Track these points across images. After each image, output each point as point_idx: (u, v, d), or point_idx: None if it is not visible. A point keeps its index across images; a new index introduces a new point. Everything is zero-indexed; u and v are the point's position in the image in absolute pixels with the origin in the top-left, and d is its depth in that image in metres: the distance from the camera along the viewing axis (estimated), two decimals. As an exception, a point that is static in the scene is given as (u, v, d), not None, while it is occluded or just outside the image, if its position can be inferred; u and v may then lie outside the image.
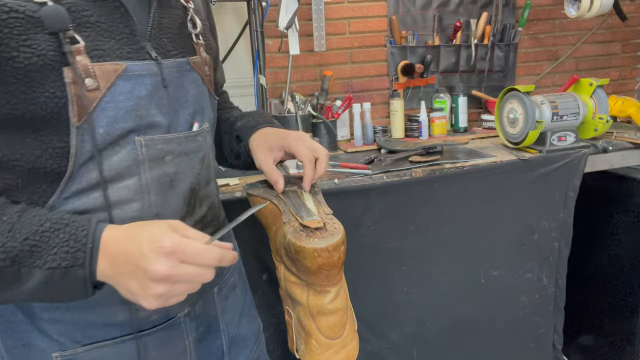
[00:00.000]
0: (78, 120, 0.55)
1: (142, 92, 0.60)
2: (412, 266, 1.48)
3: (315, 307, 0.70)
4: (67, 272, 0.52)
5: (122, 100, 0.58)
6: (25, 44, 0.51)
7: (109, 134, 0.57)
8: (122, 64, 0.58)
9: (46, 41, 0.53)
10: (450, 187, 1.45)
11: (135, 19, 0.62)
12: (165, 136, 0.63)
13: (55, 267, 0.52)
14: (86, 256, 0.53)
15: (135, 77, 0.59)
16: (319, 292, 0.69)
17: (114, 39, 0.59)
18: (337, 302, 0.70)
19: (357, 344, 0.75)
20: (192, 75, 0.68)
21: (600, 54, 2.27)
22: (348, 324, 0.73)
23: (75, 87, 0.54)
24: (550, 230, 1.58)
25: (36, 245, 0.52)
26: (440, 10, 2.02)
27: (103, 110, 0.57)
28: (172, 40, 0.67)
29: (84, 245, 0.53)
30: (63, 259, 0.52)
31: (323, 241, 0.65)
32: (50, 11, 0.52)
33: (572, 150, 1.54)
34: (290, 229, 0.68)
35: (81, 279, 0.53)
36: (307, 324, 0.71)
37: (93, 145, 0.57)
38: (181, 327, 0.71)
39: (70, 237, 0.53)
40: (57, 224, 0.54)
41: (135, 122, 0.60)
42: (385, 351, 1.52)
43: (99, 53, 0.57)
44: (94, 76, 0.55)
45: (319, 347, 0.71)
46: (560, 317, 1.66)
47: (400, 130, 1.89)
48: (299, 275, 0.70)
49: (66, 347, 0.63)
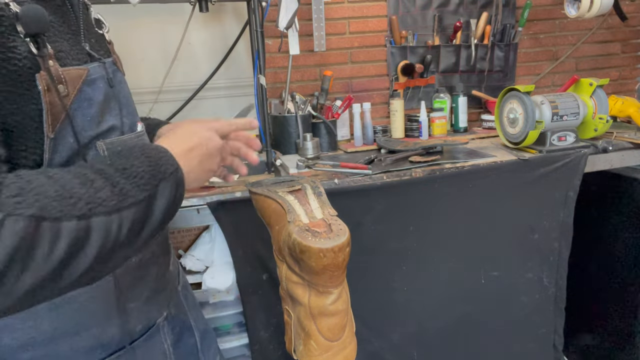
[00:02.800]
0: (52, 130, 0.51)
1: (99, 97, 0.58)
2: (412, 266, 1.48)
3: (316, 308, 0.70)
4: (176, 176, 0.56)
5: (86, 107, 0.56)
6: (5, 47, 0.47)
7: (77, 142, 0.55)
8: (85, 68, 0.55)
9: (23, 44, 0.48)
10: (450, 187, 1.45)
11: (75, 17, 0.58)
12: (120, 138, 0.62)
13: (172, 171, 0.56)
14: (174, 161, 0.57)
15: (93, 82, 0.57)
16: (322, 292, 0.69)
17: (65, 39, 0.56)
18: (339, 303, 0.70)
19: (356, 346, 0.75)
20: (119, 75, 0.67)
21: (600, 54, 2.27)
22: (348, 326, 0.73)
23: (49, 94, 0.50)
24: (550, 230, 1.58)
25: (155, 164, 0.54)
26: (440, 10, 2.02)
27: (72, 119, 0.53)
28: (96, 40, 0.64)
29: (165, 153, 0.57)
30: (169, 165, 0.56)
31: (329, 242, 0.65)
32: (29, 12, 0.47)
33: (572, 150, 1.54)
34: (296, 229, 0.68)
35: (182, 181, 0.58)
36: (307, 325, 0.71)
37: (63, 156, 0.53)
38: (159, 333, 0.70)
39: (154, 151, 0.56)
40: (144, 147, 0.57)
41: (97, 128, 0.58)
42: (385, 351, 1.52)
43: (62, 56, 0.53)
44: (65, 82, 0.52)
45: (317, 348, 0.71)
46: (561, 317, 1.66)
47: (400, 130, 1.89)
48: (301, 275, 0.70)
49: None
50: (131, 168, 0.51)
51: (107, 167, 0.50)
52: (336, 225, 0.68)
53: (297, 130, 1.73)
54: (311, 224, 0.68)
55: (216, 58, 1.83)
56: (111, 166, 0.50)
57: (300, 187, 0.83)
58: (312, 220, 0.69)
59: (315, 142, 1.69)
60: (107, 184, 0.48)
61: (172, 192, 0.55)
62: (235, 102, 1.93)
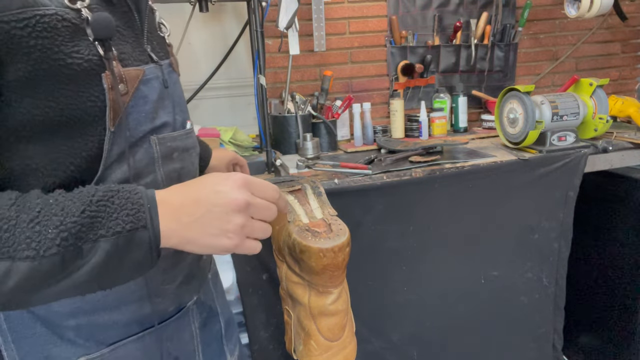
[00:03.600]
0: (112, 124, 0.56)
1: (154, 95, 0.63)
2: (412, 266, 1.48)
3: (316, 308, 0.70)
4: (132, 236, 0.50)
5: (142, 104, 0.61)
6: (74, 50, 0.52)
7: (132, 136, 0.59)
8: (142, 69, 0.61)
9: (89, 47, 0.54)
10: (450, 187, 1.45)
11: (138, 22, 0.64)
12: (171, 134, 0.66)
13: (120, 231, 0.49)
14: (147, 216, 0.51)
15: (148, 81, 0.62)
16: (321, 292, 0.69)
17: (129, 42, 0.61)
18: (339, 303, 0.70)
19: (355, 346, 0.75)
20: (174, 76, 0.71)
21: (600, 54, 2.27)
22: (347, 326, 0.73)
23: (112, 92, 0.55)
24: (550, 230, 1.58)
25: (95, 216, 0.49)
26: (440, 10, 2.02)
27: (129, 115, 0.59)
28: (157, 42, 0.69)
29: (142, 206, 0.51)
30: (125, 221, 0.50)
31: (329, 242, 0.65)
32: (99, 19, 0.53)
33: (572, 150, 1.54)
34: (296, 228, 0.68)
35: (146, 243, 0.51)
36: (307, 325, 0.71)
37: (120, 148, 0.58)
38: (189, 315, 0.73)
39: (126, 202, 0.51)
40: (109, 192, 0.51)
41: (151, 124, 0.62)
42: (385, 351, 1.52)
43: (123, 57, 0.59)
44: (125, 81, 0.58)
45: (317, 348, 0.71)
46: (560, 317, 1.66)
47: (400, 130, 1.89)
48: (301, 275, 0.70)
49: (91, 351, 0.62)
50: (62, 212, 0.48)
51: (51, 206, 0.49)
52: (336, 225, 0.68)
53: (297, 130, 1.73)
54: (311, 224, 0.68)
55: (216, 58, 1.83)
56: (55, 205, 0.49)
57: (300, 187, 0.83)
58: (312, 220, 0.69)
59: (315, 142, 1.69)
60: (29, 226, 0.47)
61: (112, 255, 0.49)
62: (235, 102, 1.93)
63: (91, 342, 0.62)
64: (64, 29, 0.52)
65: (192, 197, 0.53)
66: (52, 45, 0.51)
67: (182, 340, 0.72)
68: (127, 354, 0.65)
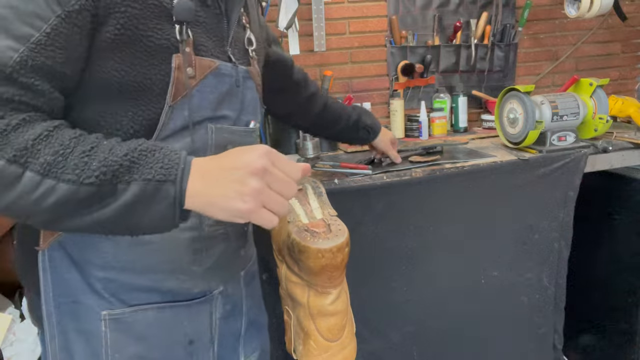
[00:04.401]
0: (172, 100, 0.63)
1: (223, 88, 0.70)
2: (412, 266, 1.48)
3: (315, 308, 0.70)
4: (160, 187, 0.54)
5: (208, 92, 0.67)
6: (157, 27, 0.61)
7: (191, 117, 0.65)
8: (216, 62, 0.68)
9: (170, 29, 0.62)
10: (450, 187, 1.45)
11: (226, 26, 0.72)
12: (230, 127, 0.72)
13: (150, 178, 0.54)
14: (178, 173, 0.55)
15: (221, 75, 0.69)
16: (320, 293, 0.70)
17: (212, 39, 0.69)
18: (338, 303, 0.70)
19: (355, 346, 0.75)
20: (250, 82, 0.78)
21: (600, 54, 2.27)
22: (347, 327, 0.73)
23: (179, 72, 0.62)
24: (550, 230, 1.58)
25: (135, 161, 0.54)
26: (440, 10, 2.02)
27: (192, 97, 0.65)
28: (239, 50, 0.77)
29: (177, 164, 0.56)
30: (157, 172, 0.54)
31: (327, 242, 0.65)
32: (182, 4, 0.61)
33: (572, 150, 1.54)
34: (295, 229, 0.68)
35: (172, 196, 0.55)
36: (306, 325, 0.72)
37: (177, 124, 0.65)
38: (213, 303, 0.75)
39: (165, 157, 0.56)
40: (154, 146, 0.57)
41: (212, 112, 0.68)
42: (385, 351, 1.52)
43: (202, 48, 0.67)
44: (194, 66, 0.65)
45: (317, 348, 0.71)
46: (561, 317, 1.66)
47: (400, 130, 1.89)
48: (300, 275, 0.70)
49: (114, 307, 0.67)
50: (110, 151, 0.54)
51: (103, 146, 0.55)
52: (335, 226, 0.68)
53: (297, 130, 1.73)
54: (310, 224, 0.68)
55: (216, 58, 1.83)
56: (107, 145, 0.56)
57: (302, 187, 0.83)
58: (311, 220, 0.70)
59: (315, 142, 1.69)
60: (80, 155, 0.53)
61: (139, 199, 0.54)
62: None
63: (115, 299, 0.67)
64: (153, 6, 0.60)
65: (219, 163, 0.57)
66: (139, 17, 0.59)
67: (201, 325, 0.74)
68: (145, 319, 0.69)
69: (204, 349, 0.75)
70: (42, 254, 0.67)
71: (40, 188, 0.52)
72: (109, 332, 0.67)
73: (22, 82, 0.53)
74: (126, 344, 0.68)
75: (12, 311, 1.41)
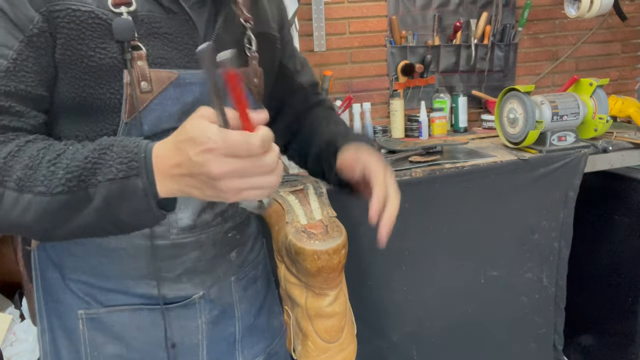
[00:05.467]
0: (127, 116, 0.61)
1: (188, 98, 0.65)
2: (412, 266, 1.48)
3: (313, 309, 0.70)
4: (126, 184, 0.52)
5: (170, 105, 0.64)
6: (101, 47, 0.59)
7: (152, 131, 0.63)
8: (175, 72, 0.64)
9: (116, 46, 0.60)
10: (450, 187, 1.45)
11: (200, 32, 0.67)
12: None
13: (112, 178, 0.52)
14: (140, 165, 0.52)
15: (185, 85, 0.65)
16: (318, 294, 0.69)
17: (177, 48, 0.65)
18: (336, 305, 0.70)
19: (355, 348, 0.75)
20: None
21: (600, 54, 2.27)
22: (346, 328, 0.73)
23: (130, 88, 0.60)
24: (550, 230, 1.58)
25: (96, 162, 0.53)
26: (440, 10, 2.02)
27: (151, 111, 0.62)
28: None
29: (136, 155, 0.53)
30: (119, 169, 0.52)
31: (324, 244, 0.65)
32: (120, 23, 0.59)
33: (572, 150, 1.53)
34: (292, 230, 0.68)
35: (141, 190, 0.52)
36: (304, 326, 0.71)
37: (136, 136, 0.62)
38: (195, 308, 0.75)
39: (122, 150, 0.54)
40: (112, 141, 0.55)
41: (177, 123, 0.61)
42: (385, 351, 1.52)
43: (160, 61, 0.63)
44: (149, 80, 0.61)
45: (315, 349, 0.71)
46: (561, 317, 1.66)
47: (400, 130, 1.89)
48: (298, 276, 0.70)
49: (90, 307, 0.69)
50: (72, 157, 0.54)
51: (67, 152, 0.55)
52: (333, 227, 0.67)
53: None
54: (308, 225, 0.68)
55: (216, 58, 1.83)
56: (70, 150, 0.56)
57: (303, 187, 0.83)
58: (310, 221, 0.69)
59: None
60: (47, 165, 0.54)
61: (110, 200, 0.53)
62: (235, 102, 1.93)
63: (89, 299, 0.69)
64: (96, 25, 0.58)
65: (178, 162, 0.51)
66: (77, 37, 0.57)
67: (185, 329, 0.74)
68: (121, 320, 0.70)
69: (189, 354, 0.75)
70: (33, 254, 0.70)
71: (19, 204, 0.53)
72: (87, 331, 0.70)
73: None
74: (104, 342, 0.70)
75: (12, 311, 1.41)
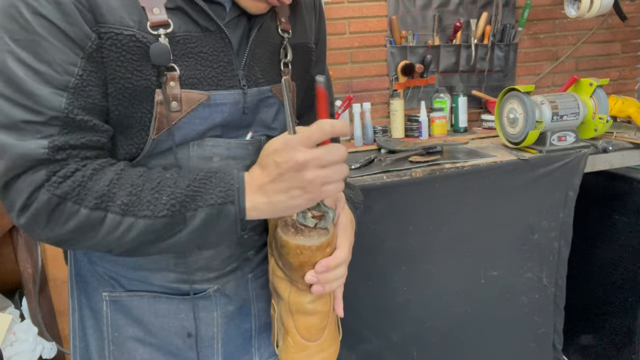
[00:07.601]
0: (155, 133, 0.65)
1: (217, 118, 0.68)
2: (412, 266, 1.48)
3: (294, 305, 0.70)
4: (222, 209, 0.61)
5: (197, 123, 0.67)
6: (138, 69, 0.62)
7: (175, 144, 0.68)
8: (206, 94, 0.67)
9: (151, 69, 0.63)
10: (450, 187, 1.45)
11: (234, 48, 0.69)
12: (216, 139, 0.70)
13: (212, 203, 0.60)
14: (235, 194, 0.61)
15: (215, 105, 0.68)
16: (301, 290, 0.69)
17: (211, 67, 0.67)
18: (318, 304, 0.70)
19: (336, 352, 0.75)
20: (270, 101, 0.75)
21: (600, 54, 2.27)
22: (328, 329, 0.72)
23: (161, 107, 0.64)
24: (550, 230, 1.58)
25: (197, 190, 0.61)
26: (440, 10, 2.02)
27: (178, 129, 0.66)
28: (262, 69, 0.74)
29: (232, 186, 0.61)
30: (218, 196, 0.61)
31: (309, 239, 0.65)
32: (157, 48, 0.62)
33: (572, 150, 1.54)
34: (282, 222, 0.68)
35: (232, 215, 0.61)
36: (286, 321, 0.71)
37: (161, 149, 0.67)
38: (211, 300, 0.78)
39: (220, 181, 0.62)
40: (209, 173, 0.63)
41: (200, 137, 0.69)
42: (385, 351, 1.52)
43: (192, 81, 0.66)
44: (179, 101, 0.65)
45: (294, 345, 0.71)
46: (560, 317, 1.66)
47: (400, 130, 1.89)
48: (284, 269, 0.70)
49: (114, 290, 0.76)
50: (175, 185, 0.61)
51: (167, 180, 0.62)
52: (323, 224, 0.67)
53: (297, 130, 1.73)
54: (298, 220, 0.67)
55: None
56: (170, 179, 0.62)
57: None
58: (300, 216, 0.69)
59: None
60: (151, 192, 0.61)
61: (207, 223, 0.61)
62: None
63: (114, 283, 0.75)
64: (136, 49, 0.61)
65: (267, 174, 0.61)
66: (117, 59, 0.61)
67: (201, 321, 0.78)
68: (141, 305, 0.76)
69: (205, 345, 0.79)
70: None
71: (121, 226, 0.59)
72: (110, 312, 0.76)
73: (79, 120, 0.59)
74: (125, 324, 0.76)
75: (12, 311, 1.41)
